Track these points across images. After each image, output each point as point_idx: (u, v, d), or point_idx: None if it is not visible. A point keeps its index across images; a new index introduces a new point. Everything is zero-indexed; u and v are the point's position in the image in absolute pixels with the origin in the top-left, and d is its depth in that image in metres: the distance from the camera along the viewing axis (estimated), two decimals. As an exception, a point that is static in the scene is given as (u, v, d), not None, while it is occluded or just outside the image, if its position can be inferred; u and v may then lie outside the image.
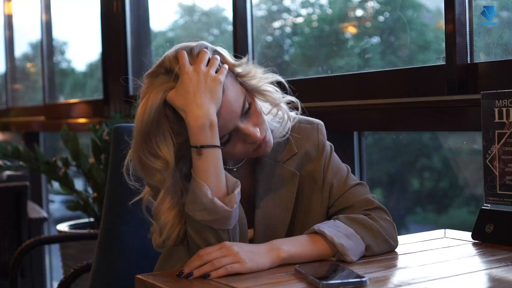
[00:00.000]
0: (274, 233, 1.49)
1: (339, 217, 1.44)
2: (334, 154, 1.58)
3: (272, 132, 1.48)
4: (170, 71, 1.38)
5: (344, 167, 1.57)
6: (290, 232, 1.52)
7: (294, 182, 1.51)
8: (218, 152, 1.36)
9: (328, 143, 1.58)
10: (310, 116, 1.59)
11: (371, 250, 1.42)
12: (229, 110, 1.37)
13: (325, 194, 1.53)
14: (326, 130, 1.58)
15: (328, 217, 1.53)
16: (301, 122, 1.57)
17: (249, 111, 1.41)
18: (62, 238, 3.01)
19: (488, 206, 1.59)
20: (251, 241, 1.48)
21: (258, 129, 1.41)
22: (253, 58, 2.59)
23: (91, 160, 3.03)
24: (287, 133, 1.52)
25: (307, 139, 1.55)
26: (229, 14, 3.03)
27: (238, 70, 1.42)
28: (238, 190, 1.36)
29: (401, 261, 1.40)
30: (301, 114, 1.57)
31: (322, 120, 1.59)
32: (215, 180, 1.35)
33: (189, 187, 1.37)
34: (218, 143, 1.35)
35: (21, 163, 3.16)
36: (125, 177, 1.45)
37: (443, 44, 1.86)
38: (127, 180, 1.45)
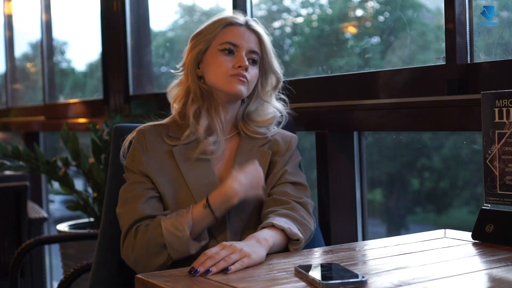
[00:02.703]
0: (245, 203, 1.66)
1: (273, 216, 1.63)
2: (300, 164, 1.82)
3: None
4: None
5: (303, 175, 1.78)
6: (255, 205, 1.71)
7: (266, 159, 1.76)
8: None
9: (298, 153, 1.81)
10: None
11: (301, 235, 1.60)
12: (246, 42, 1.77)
13: (277, 175, 1.74)
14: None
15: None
16: (280, 130, 1.83)
17: (254, 61, 1.75)
18: (62, 238, 3.01)
19: (488, 206, 1.59)
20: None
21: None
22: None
23: (91, 160, 3.03)
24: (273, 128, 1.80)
25: (281, 138, 1.81)
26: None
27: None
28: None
29: (401, 261, 1.40)
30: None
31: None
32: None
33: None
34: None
35: (21, 163, 3.16)
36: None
37: (443, 44, 1.86)
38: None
